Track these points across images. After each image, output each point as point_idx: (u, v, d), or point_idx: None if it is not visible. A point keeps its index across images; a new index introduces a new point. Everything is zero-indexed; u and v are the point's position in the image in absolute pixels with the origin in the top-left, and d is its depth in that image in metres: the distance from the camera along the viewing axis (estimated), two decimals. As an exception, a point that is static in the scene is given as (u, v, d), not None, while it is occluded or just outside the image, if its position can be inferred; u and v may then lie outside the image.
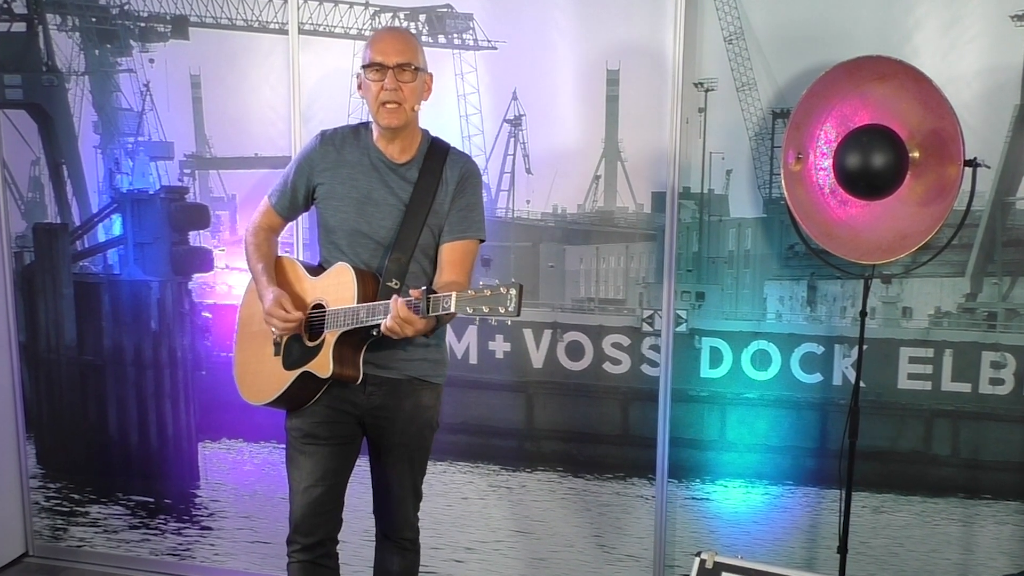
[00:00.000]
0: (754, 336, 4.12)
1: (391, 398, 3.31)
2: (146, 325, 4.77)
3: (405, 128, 3.20)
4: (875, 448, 4.04)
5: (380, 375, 3.28)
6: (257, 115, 4.46)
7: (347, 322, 3.07)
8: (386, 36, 3.23)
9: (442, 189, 3.23)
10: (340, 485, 3.44)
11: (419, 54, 3.20)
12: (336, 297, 3.15)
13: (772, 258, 4.06)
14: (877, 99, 3.48)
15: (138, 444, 4.91)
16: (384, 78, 3.10)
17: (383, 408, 3.32)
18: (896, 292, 3.98)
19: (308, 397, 3.27)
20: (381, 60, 3.11)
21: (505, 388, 4.41)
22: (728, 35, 3.93)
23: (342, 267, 3.17)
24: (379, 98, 3.12)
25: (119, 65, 4.60)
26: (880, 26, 3.78)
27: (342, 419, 3.33)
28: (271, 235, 3.47)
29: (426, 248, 3.23)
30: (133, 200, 4.66)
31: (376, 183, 3.23)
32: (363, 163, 3.26)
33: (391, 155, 3.24)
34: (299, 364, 3.21)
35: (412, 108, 3.17)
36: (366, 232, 3.21)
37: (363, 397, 3.29)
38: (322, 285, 3.25)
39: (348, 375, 3.15)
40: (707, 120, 4.01)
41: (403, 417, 3.34)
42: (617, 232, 4.20)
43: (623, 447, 4.34)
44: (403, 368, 3.30)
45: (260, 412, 3.47)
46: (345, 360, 3.13)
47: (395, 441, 3.38)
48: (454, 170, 3.26)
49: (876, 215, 3.54)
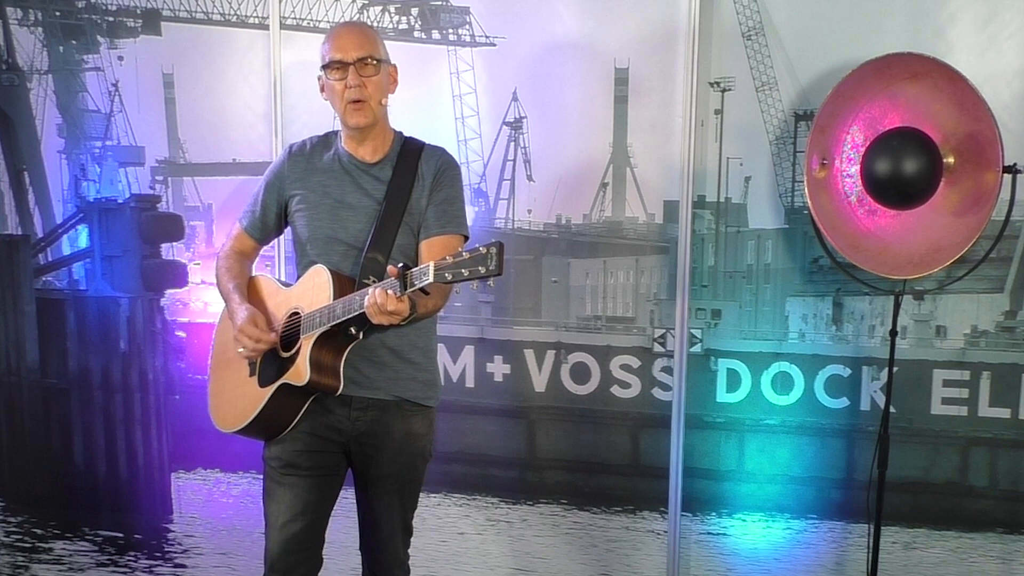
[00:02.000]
0: (775, 357, 4.11)
1: (379, 424, 3.26)
2: (115, 345, 4.72)
3: (375, 126, 3.19)
4: (906, 479, 4.03)
5: (366, 396, 3.23)
6: (235, 117, 4.45)
7: (323, 321, 3.03)
8: (342, 32, 3.22)
9: (418, 185, 3.21)
10: (321, 521, 3.39)
11: (379, 45, 3.19)
12: (312, 301, 3.11)
13: (794, 272, 4.06)
14: (908, 100, 3.48)
15: (106, 475, 4.85)
16: (346, 75, 3.10)
17: (370, 435, 3.27)
18: (929, 309, 3.97)
19: (288, 418, 3.22)
20: (340, 57, 3.11)
21: (504, 414, 4.39)
22: (747, 30, 3.92)
23: (317, 268, 3.14)
24: (344, 97, 3.12)
25: (85, 63, 4.57)
26: (911, 21, 3.77)
27: (325, 448, 3.29)
28: (244, 259, 3.44)
29: (405, 248, 3.20)
30: (101, 210, 4.62)
31: (349, 187, 3.22)
32: (334, 168, 3.25)
33: (362, 156, 3.23)
34: (275, 378, 3.17)
35: (379, 103, 3.17)
36: (341, 238, 3.19)
37: (347, 423, 3.25)
38: (297, 292, 3.21)
39: (327, 384, 3.10)
40: (724, 123, 4.00)
41: (392, 445, 3.29)
42: (626, 244, 4.19)
43: (632, 478, 4.32)
44: (391, 388, 3.25)
45: (237, 440, 3.40)
46: (323, 367, 3.08)
47: (383, 471, 3.33)
48: (430, 164, 3.24)
49: (907, 226, 3.54)
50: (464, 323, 4.34)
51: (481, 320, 4.34)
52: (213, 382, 3.49)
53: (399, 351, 3.19)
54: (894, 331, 3.68)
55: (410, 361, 3.25)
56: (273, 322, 3.23)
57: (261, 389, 3.20)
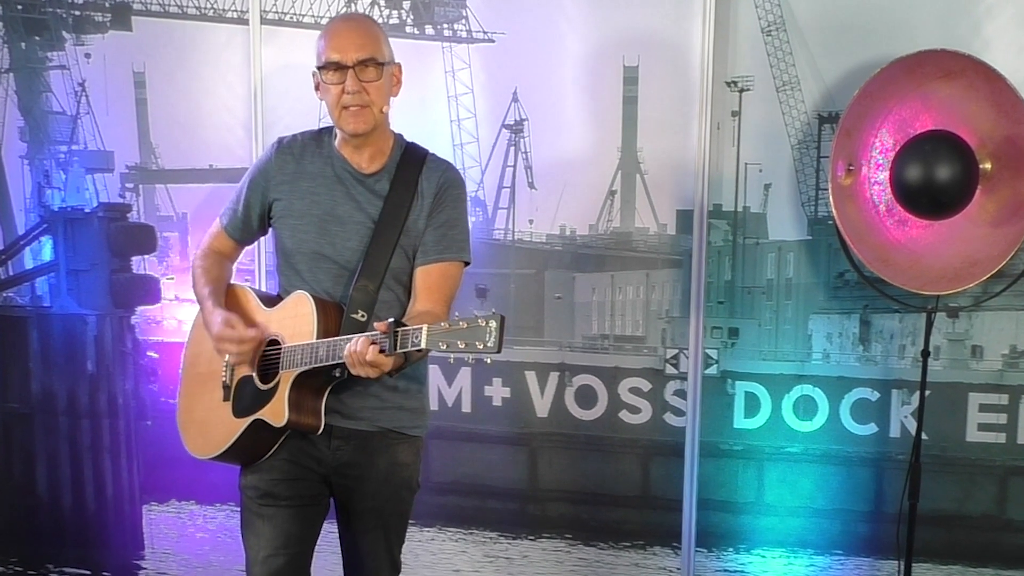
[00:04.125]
0: (797, 380, 4.11)
1: (361, 453, 3.23)
2: (81, 367, 4.71)
3: (374, 132, 3.14)
4: (939, 512, 4.02)
5: (347, 427, 3.19)
6: (212, 120, 4.44)
7: (305, 361, 2.99)
8: (341, 28, 3.15)
9: (417, 203, 3.16)
10: (305, 554, 3.36)
11: (382, 44, 3.11)
12: (293, 332, 3.08)
13: (818, 288, 4.06)
14: (942, 101, 3.48)
15: (72, 507, 4.84)
16: (344, 79, 3.04)
17: (352, 465, 3.24)
18: (964, 328, 3.96)
19: (263, 449, 3.19)
20: (338, 59, 3.03)
21: (504, 441, 4.38)
22: (766, 25, 3.92)
23: (300, 297, 3.10)
24: (340, 102, 3.06)
25: (50, 61, 4.57)
26: (945, 15, 3.77)
27: (305, 476, 3.25)
28: (223, 260, 3.40)
29: (399, 274, 3.16)
30: (66, 220, 4.61)
31: (340, 197, 3.16)
32: (325, 174, 3.19)
33: (358, 164, 3.18)
34: (251, 411, 3.14)
35: (381, 110, 3.10)
36: (329, 255, 3.15)
37: (328, 452, 3.21)
38: (278, 318, 3.18)
39: (307, 424, 3.07)
40: (742, 125, 4.00)
41: (376, 476, 3.26)
42: (636, 257, 4.20)
43: (643, 510, 4.32)
44: (375, 418, 3.22)
45: (214, 469, 3.38)
46: (303, 406, 3.05)
47: (367, 505, 3.30)
48: (431, 180, 3.18)
49: (940, 237, 3.52)
50: (460, 343, 4.31)
51: (478, 339, 4.31)
52: (183, 398, 3.45)
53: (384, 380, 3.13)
54: (926, 351, 3.67)
55: (396, 388, 3.20)
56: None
57: (236, 419, 3.17)
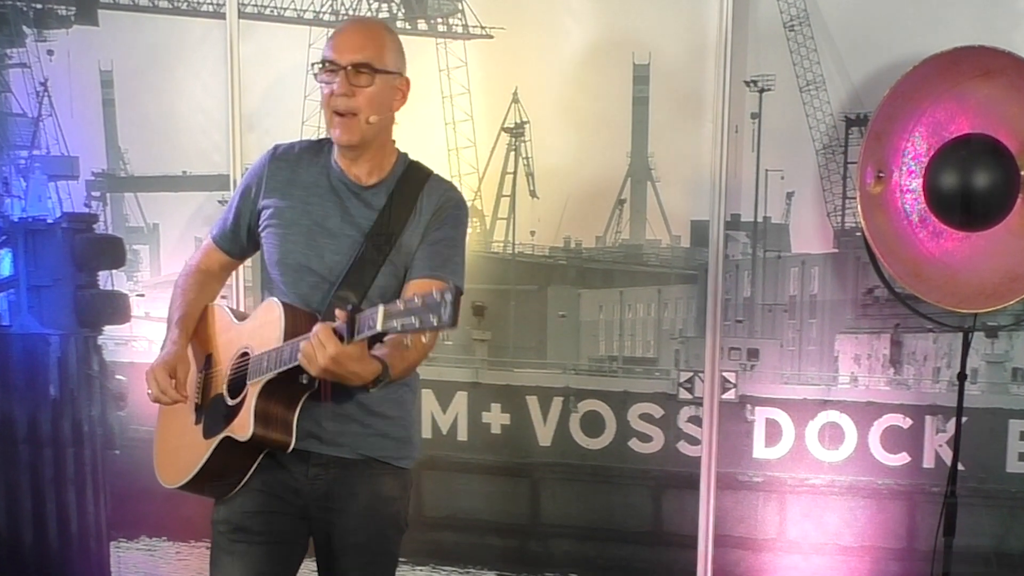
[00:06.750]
0: (822, 406, 4.09)
1: (341, 484, 3.21)
2: (43, 391, 4.71)
3: (370, 145, 3.14)
4: (978, 548, 4.01)
5: (326, 452, 3.17)
6: (186, 122, 4.44)
7: (269, 367, 2.98)
8: (347, 28, 3.19)
9: (414, 220, 3.15)
10: (276, 599, 3.36)
11: (385, 52, 3.12)
12: (262, 340, 3.06)
13: (845, 305, 4.06)
14: (980, 102, 3.47)
15: (33, 543, 4.83)
16: (335, 80, 3.05)
17: (331, 497, 3.21)
18: (1004, 349, 3.97)
19: (234, 475, 3.18)
20: (333, 57, 3.05)
21: (503, 472, 4.37)
22: (789, 19, 3.92)
23: (269, 303, 3.10)
24: (329, 105, 3.07)
25: (9, 58, 4.59)
26: (983, 9, 3.78)
27: (281, 509, 3.23)
28: (208, 280, 3.40)
29: (387, 292, 3.14)
30: (27, 231, 4.62)
31: (332, 209, 3.16)
32: (320, 184, 3.19)
33: (356, 176, 3.17)
34: (220, 429, 3.13)
35: (368, 120, 3.08)
36: (315, 268, 3.14)
37: (306, 482, 3.19)
38: (248, 329, 3.18)
39: (275, 439, 3.04)
40: (762, 128, 4.00)
41: (357, 510, 3.24)
42: (647, 272, 4.21)
43: (655, 547, 4.31)
44: (356, 445, 3.20)
45: (188, 502, 3.35)
46: (272, 419, 3.02)
47: (348, 541, 3.28)
48: (432, 198, 3.18)
49: (978, 250, 3.52)
50: (455, 364, 4.34)
51: (476, 361, 4.35)
52: (159, 427, 3.47)
53: (366, 403, 3.12)
54: (963, 374, 3.67)
55: (380, 414, 3.19)
56: (220, 363, 3.21)
57: (205, 440, 3.17)
